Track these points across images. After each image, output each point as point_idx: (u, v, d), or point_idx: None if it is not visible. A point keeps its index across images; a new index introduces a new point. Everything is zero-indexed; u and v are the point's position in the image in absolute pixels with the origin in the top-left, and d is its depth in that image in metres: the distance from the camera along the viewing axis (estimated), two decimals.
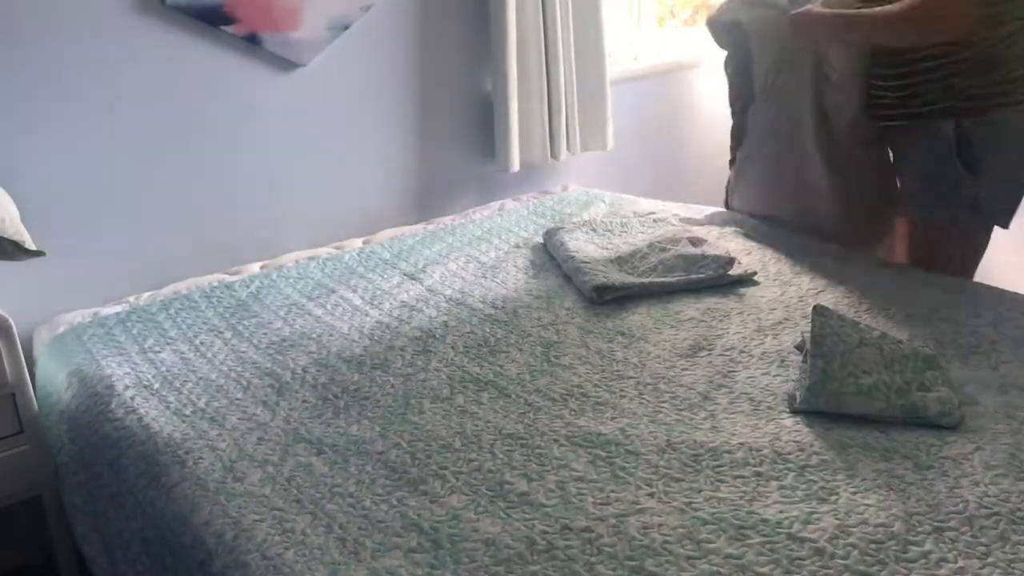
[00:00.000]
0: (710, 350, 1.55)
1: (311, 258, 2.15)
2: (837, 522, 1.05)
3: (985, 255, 1.85)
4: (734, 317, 1.68)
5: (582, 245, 2.02)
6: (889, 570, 0.98)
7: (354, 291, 1.92)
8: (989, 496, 1.09)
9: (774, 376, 1.45)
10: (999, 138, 1.71)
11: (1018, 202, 1.78)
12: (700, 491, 1.14)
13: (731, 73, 2.16)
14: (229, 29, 2.04)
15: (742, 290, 1.81)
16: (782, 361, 1.49)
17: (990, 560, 0.99)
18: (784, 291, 1.78)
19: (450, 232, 2.27)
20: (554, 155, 2.59)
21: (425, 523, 1.11)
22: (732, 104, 2.17)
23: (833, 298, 1.71)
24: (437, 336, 1.67)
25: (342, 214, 2.36)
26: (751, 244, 2.05)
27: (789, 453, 1.21)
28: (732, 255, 1.91)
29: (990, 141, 1.71)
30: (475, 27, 2.44)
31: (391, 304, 1.84)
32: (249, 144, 2.17)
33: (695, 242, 2.02)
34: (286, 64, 2.17)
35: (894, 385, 1.30)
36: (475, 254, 2.11)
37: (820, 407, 1.30)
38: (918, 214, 1.85)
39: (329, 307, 1.84)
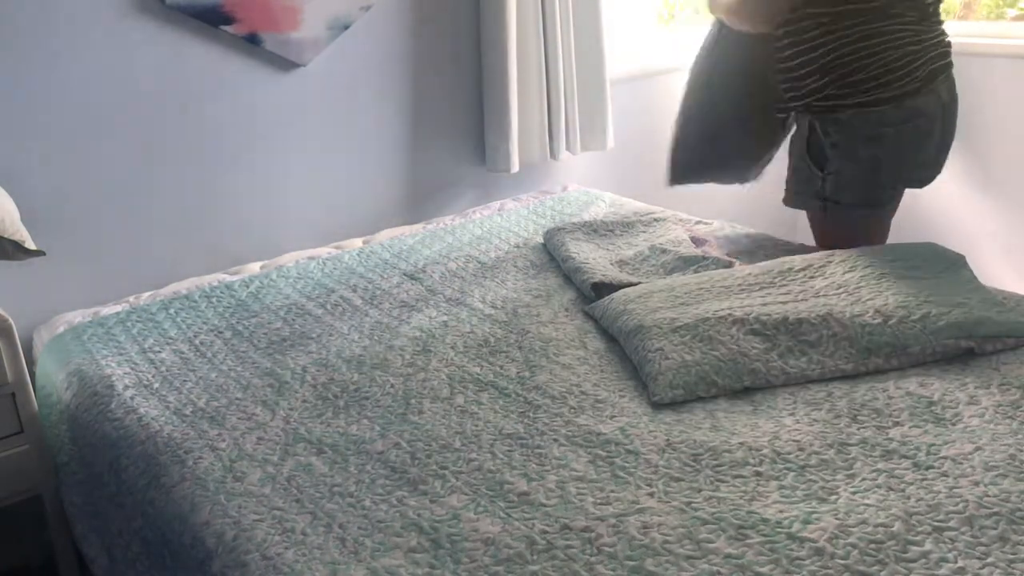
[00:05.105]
0: None
1: (311, 258, 2.15)
2: (837, 522, 1.05)
3: (985, 254, 1.86)
4: None
5: (582, 245, 2.02)
6: (889, 570, 0.98)
7: (354, 291, 1.92)
8: (989, 496, 1.09)
9: None
10: (845, 138, 1.78)
11: (868, 197, 1.84)
12: (700, 491, 1.14)
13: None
14: (229, 29, 2.04)
15: None
16: None
17: (990, 560, 0.99)
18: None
19: (450, 232, 2.27)
20: (554, 155, 2.59)
21: (425, 523, 1.11)
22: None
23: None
24: (437, 336, 1.67)
25: (342, 214, 2.36)
26: (752, 246, 2.05)
27: (789, 453, 1.21)
28: (733, 257, 1.91)
29: (838, 141, 1.78)
30: (475, 27, 2.44)
31: (391, 304, 1.84)
32: (249, 144, 2.17)
33: (697, 242, 2.02)
34: (286, 64, 2.17)
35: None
36: (475, 254, 2.11)
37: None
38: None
39: (329, 307, 1.84)
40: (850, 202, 1.82)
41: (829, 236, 1.88)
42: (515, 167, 2.50)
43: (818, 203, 1.84)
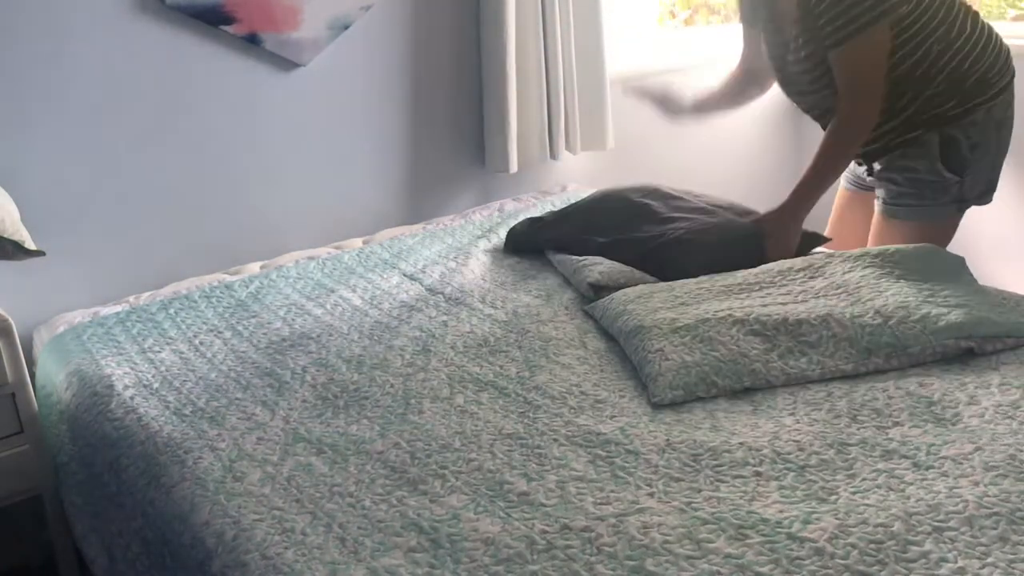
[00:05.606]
0: None
1: (311, 258, 2.15)
2: (837, 522, 1.05)
3: (985, 255, 1.88)
4: None
5: None
6: (889, 570, 0.98)
7: (354, 291, 1.92)
8: (989, 496, 1.09)
9: None
10: (980, 134, 1.79)
11: (990, 183, 1.88)
12: (700, 491, 1.14)
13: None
14: (229, 29, 2.04)
15: None
16: None
17: (990, 560, 0.99)
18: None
19: (450, 232, 2.27)
20: (553, 155, 2.59)
21: (425, 523, 1.11)
22: None
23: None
24: (437, 336, 1.67)
25: (342, 214, 2.36)
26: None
27: (789, 453, 1.21)
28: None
29: (978, 141, 1.79)
30: (475, 27, 2.44)
31: (391, 304, 1.84)
32: (249, 144, 2.17)
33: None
34: (286, 64, 2.17)
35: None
36: (475, 254, 2.11)
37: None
38: (906, 216, 1.89)
39: (329, 307, 1.84)
40: (978, 194, 1.85)
41: (927, 236, 1.82)
42: (515, 167, 2.50)
43: (955, 206, 1.84)
